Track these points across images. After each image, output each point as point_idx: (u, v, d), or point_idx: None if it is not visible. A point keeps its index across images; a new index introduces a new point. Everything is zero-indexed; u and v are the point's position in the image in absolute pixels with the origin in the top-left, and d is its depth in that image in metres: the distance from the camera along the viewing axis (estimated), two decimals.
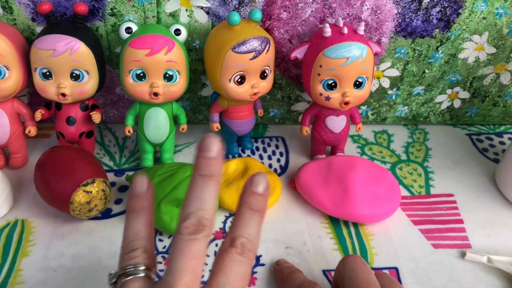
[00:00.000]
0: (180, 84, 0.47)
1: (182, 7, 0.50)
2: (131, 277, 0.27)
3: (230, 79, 0.47)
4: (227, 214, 0.48)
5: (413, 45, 0.54)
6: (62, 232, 0.45)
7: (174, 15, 0.50)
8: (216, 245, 0.44)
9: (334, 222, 0.47)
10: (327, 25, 0.46)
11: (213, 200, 0.27)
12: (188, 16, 0.50)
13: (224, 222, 0.47)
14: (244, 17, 0.49)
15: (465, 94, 0.60)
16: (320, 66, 0.47)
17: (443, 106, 0.61)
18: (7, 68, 0.46)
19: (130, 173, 0.52)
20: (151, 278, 0.27)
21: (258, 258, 0.44)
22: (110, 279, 0.28)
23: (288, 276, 0.39)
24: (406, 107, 0.61)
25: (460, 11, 0.52)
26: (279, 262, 0.42)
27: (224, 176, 0.49)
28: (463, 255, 0.44)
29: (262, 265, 0.43)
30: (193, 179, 0.27)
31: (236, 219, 0.28)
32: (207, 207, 0.26)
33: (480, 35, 0.54)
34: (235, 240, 0.27)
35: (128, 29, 0.46)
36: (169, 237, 0.45)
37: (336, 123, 0.52)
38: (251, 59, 0.46)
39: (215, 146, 0.27)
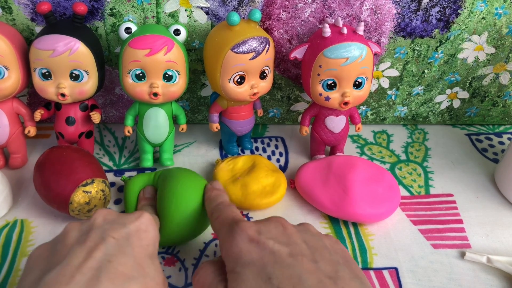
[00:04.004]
0: (179, 84, 0.47)
1: (182, 7, 0.50)
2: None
3: (229, 79, 0.47)
4: None
5: (412, 45, 0.54)
6: None
7: (173, 15, 0.50)
8: (216, 245, 0.44)
9: (334, 222, 0.47)
10: (327, 25, 0.46)
11: None
12: (187, 16, 0.50)
13: None
14: (243, 17, 0.49)
15: (464, 94, 0.60)
16: (320, 66, 0.47)
17: (443, 106, 0.61)
18: (6, 68, 0.46)
19: (128, 173, 0.52)
20: None
21: None
22: None
23: (212, 196, 0.40)
24: (406, 107, 0.61)
25: (459, 11, 0.52)
26: (213, 183, 0.42)
27: (231, 172, 0.49)
28: (462, 255, 0.44)
29: None
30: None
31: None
32: None
33: (479, 35, 0.54)
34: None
35: (128, 29, 0.46)
36: None
37: (336, 123, 0.52)
38: (251, 59, 0.46)
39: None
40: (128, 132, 0.51)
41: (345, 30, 0.46)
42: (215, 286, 0.32)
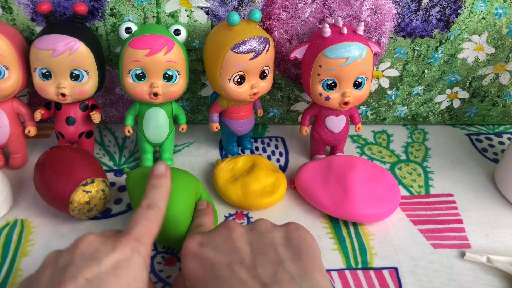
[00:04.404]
0: (179, 84, 0.47)
1: (182, 7, 0.50)
2: None
3: (229, 79, 0.47)
4: (231, 212, 0.48)
5: (412, 45, 0.54)
6: (61, 232, 0.45)
7: (173, 15, 0.50)
8: None
9: (334, 222, 0.47)
10: (327, 25, 0.46)
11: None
12: (187, 16, 0.50)
13: (227, 217, 0.47)
14: (243, 17, 0.49)
15: (464, 94, 0.60)
16: (320, 66, 0.47)
17: (443, 106, 0.61)
18: (6, 68, 0.46)
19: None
20: None
21: None
22: None
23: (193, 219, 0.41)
24: (406, 107, 0.61)
25: (459, 11, 0.52)
26: (197, 203, 0.43)
27: (231, 172, 0.49)
28: (462, 255, 0.44)
29: None
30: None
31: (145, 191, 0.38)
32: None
33: (479, 35, 0.54)
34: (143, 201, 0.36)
35: (128, 29, 0.46)
36: None
37: (336, 123, 0.52)
38: (251, 59, 0.46)
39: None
40: (128, 132, 0.51)
41: (345, 30, 0.46)
42: None
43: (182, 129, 0.53)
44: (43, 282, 0.30)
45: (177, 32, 0.47)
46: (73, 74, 0.47)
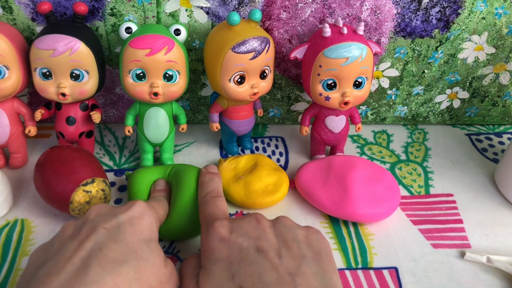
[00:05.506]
0: (180, 84, 0.47)
1: (182, 7, 0.50)
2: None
3: (230, 79, 0.47)
4: (232, 212, 0.48)
5: (412, 45, 0.54)
6: None
7: (174, 15, 0.50)
8: None
9: (334, 221, 0.48)
10: (327, 25, 0.46)
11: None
12: (188, 16, 0.50)
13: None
14: (244, 17, 0.50)
15: (464, 94, 0.60)
16: (320, 66, 0.47)
17: (443, 106, 0.61)
18: (7, 68, 0.46)
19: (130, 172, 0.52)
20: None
21: None
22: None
23: (204, 181, 0.43)
24: (406, 107, 0.61)
25: (459, 11, 0.52)
26: (207, 167, 0.45)
27: (233, 171, 0.49)
28: (462, 255, 0.44)
29: None
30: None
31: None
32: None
33: (479, 35, 0.54)
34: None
35: (128, 29, 0.46)
36: None
37: (336, 123, 0.52)
38: (251, 59, 0.46)
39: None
40: (129, 131, 0.51)
41: (345, 30, 0.46)
42: (192, 278, 0.35)
43: (182, 129, 0.53)
44: (65, 236, 0.33)
45: (177, 32, 0.47)
46: (73, 74, 0.47)
